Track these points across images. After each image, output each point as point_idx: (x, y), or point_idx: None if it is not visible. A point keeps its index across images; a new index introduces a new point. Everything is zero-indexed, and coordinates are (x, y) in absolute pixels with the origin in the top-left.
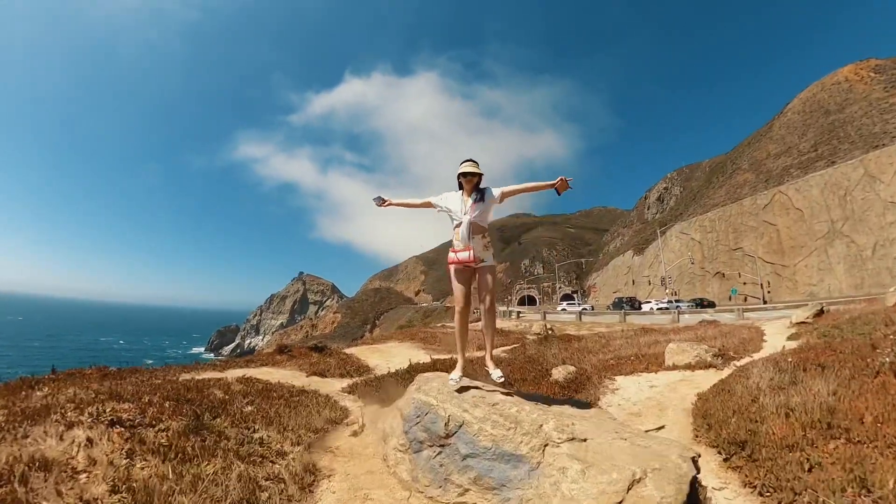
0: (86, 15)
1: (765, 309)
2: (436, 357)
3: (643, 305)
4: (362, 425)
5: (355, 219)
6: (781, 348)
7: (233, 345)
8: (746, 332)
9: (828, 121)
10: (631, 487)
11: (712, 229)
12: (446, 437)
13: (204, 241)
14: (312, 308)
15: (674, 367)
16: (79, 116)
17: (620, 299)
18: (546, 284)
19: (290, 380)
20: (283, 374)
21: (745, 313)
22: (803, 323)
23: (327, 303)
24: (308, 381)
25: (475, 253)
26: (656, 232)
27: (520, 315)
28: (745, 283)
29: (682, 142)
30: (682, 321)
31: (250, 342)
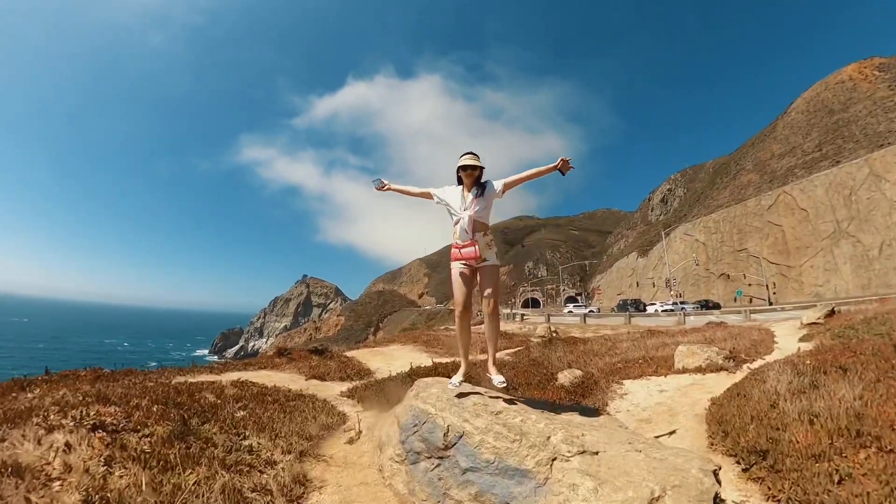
0: (90, 20)
1: (773, 310)
2: (438, 361)
3: (648, 307)
4: (359, 432)
5: (359, 221)
6: (796, 350)
7: (236, 347)
8: (756, 334)
9: (832, 120)
10: None
11: (717, 230)
12: (445, 448)
13: (208, 243)
14: (316, 311)
15: (684, 371)
16: (84, 120)
17: (625, 301)
18: (550, 287)
19: (288, 383)
20: (282, 377)
21: (753, 315)
22: (814, 324)
23: (331, 305)
24: (306, 385)
25: (479, 248)
26: (660, 234)
27: (523, 317)
28: (749, 285)
29: (686, 143)
30: (689, 323)
31: (254, 345)
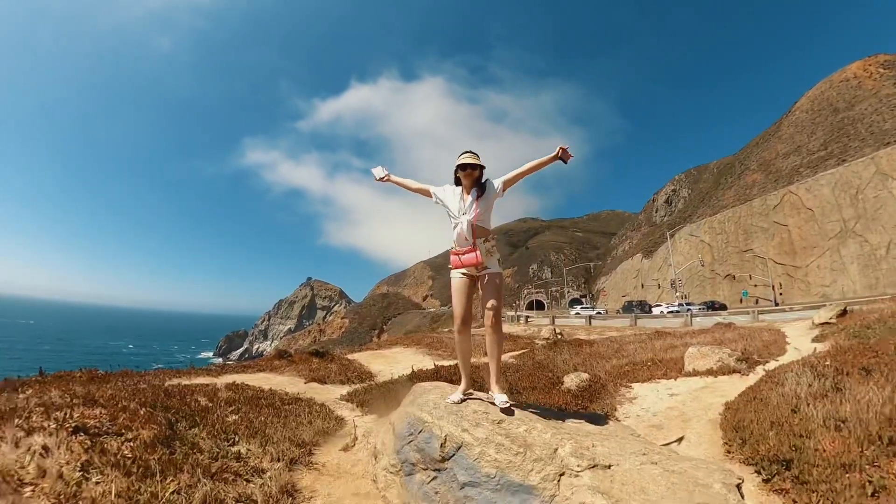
0: (96, 24)
1: (781, 311)
2: (440, 364)
3: (653, 309)
4: (354, 438)
5: (363, 224)
6: (812, 350)
7: (241, 349)
8: (767, 335)
9: (837, 119)
10: None
11: (722, 231)
12: (442, 460)
13: (213, 246)
14: (320, 313)
15: (694, 373)
16: (91, 123)
17: (630, 303)
18: (554, 289)
19: (286, 386)
20: (280, 380)
21: (761, 315)
22: (827, 324)
23: (335, 308)
24: (305, 388)
25: (480, 254)
26: (665, 235)
27: (528, 319)
28: (755, 286)
29: (690, 143)
30: (695, 324)
31: (258, 347)
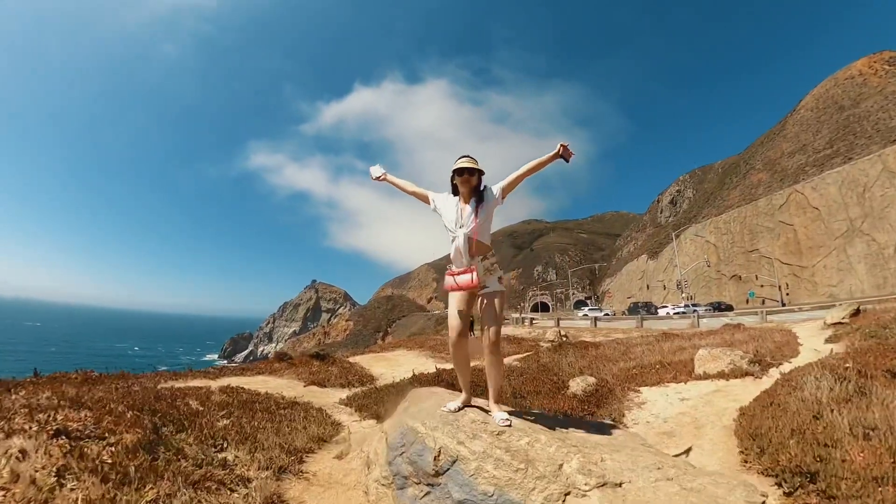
0: (100, 31)
1: (790, 311)
2: (442, 367)
3: (659, 310)
4: (349, 446)
5: (367, 227)
6: (829, 351)
7: (246, 352)
8: (779, 336)
9: (842, 116)
10: None
11: (727, 231)
12: (436, 474)
13: (218, 249)
14: (325, 316)
15: (705, 376)
16: (97, 128)
17: (636, 304)
18: (559, 291)
19: (284, 390)
20: (279, 383)
21: (769, 316)
22: (839, 324)
23: (340, 310)
24: (304, 392)
25: (477, 276)
26: (670, 235)
27: (533, 321)
28: (761, 286)
29: (694, 143)
30: (702, 325)
31: (263, 350)
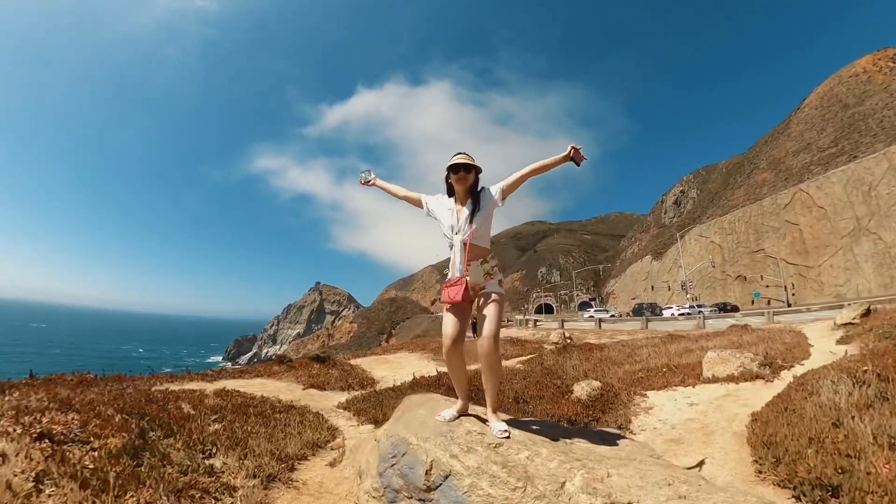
0: (104, 35)
1: (798, 311)
2: (443, 370)
3: (664, 311)
4: (342, 453)
5: (371, 229)
6: (843, 353)
7: (250, 354)
8: (788, 337)
9: (847, 114)
10: None
11: (732, 231)
12: (427, 490)
13: (222, 251)
14: (329, 318)
15: (714, 380)
16: (103, 132)
17: (641, 305)
18: (563, 292)
19: (282, 393)
20: (277, 386)
21: (776, 316)
22: (850, 324)
23: (344, 312)
24: (302, 395)
25: (473, 281)
26: (674, 236)
27: (537, 323)
28: (767, 286)
29: (698, 143)
30: (708, 326)
31: (267, 352)
